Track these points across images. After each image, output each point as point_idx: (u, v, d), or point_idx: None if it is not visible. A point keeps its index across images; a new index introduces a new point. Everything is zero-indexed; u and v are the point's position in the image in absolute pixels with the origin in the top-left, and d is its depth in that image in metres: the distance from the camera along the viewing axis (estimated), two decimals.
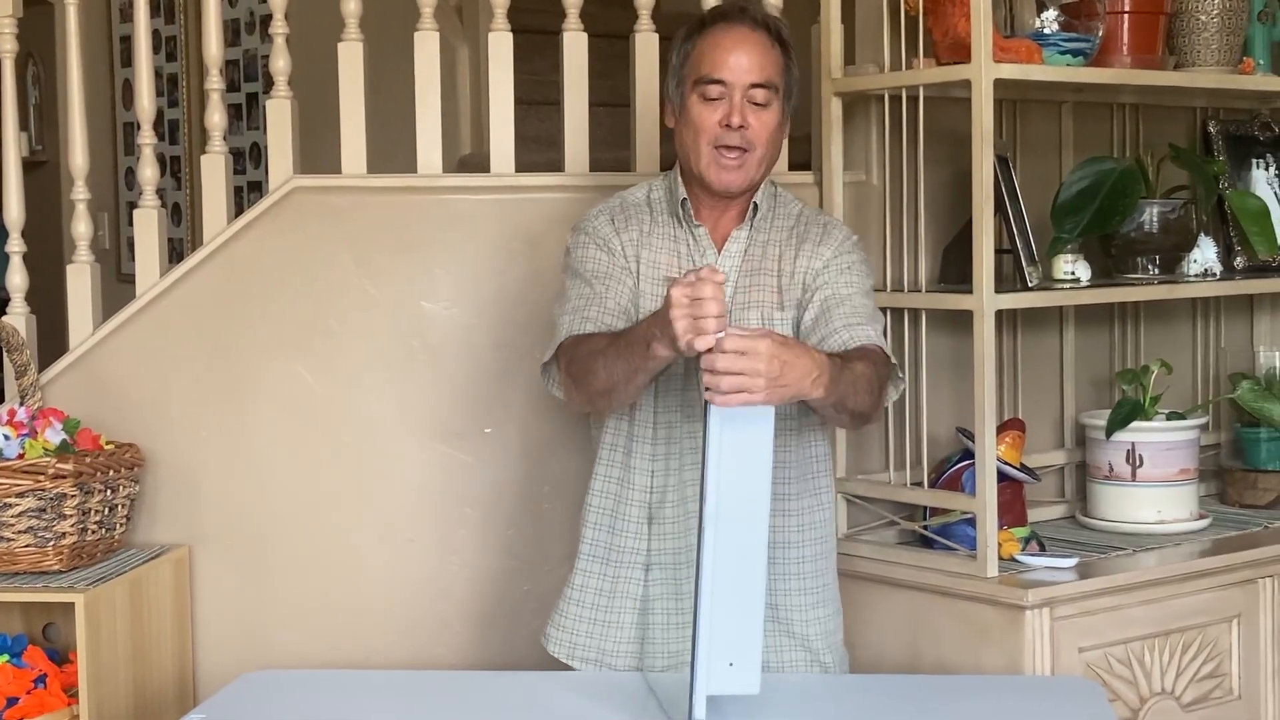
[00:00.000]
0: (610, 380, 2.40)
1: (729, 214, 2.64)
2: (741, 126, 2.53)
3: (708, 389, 2.18)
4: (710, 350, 2.18)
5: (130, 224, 3.38)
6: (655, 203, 2.67)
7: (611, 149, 3.41)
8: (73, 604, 2.80)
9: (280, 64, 3.18)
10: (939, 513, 3.04)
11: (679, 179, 2.64)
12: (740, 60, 2.53)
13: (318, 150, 3.30)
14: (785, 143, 2.72)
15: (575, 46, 3.25)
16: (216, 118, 3.21)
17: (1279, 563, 3.10)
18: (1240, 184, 3.62)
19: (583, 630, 2.64)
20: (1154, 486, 3.18)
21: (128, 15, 5.46)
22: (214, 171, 3.20)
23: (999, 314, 2.92)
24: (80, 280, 3.20)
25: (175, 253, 5.01)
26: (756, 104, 2.54)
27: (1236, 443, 3.57)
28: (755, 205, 2.63)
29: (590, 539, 2.65)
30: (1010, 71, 2.87)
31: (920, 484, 3.05)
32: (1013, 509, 3.06)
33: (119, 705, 2.89)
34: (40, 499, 2.87)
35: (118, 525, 3.04)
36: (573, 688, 2.51)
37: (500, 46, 3.24)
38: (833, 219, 2.71)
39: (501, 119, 3.24)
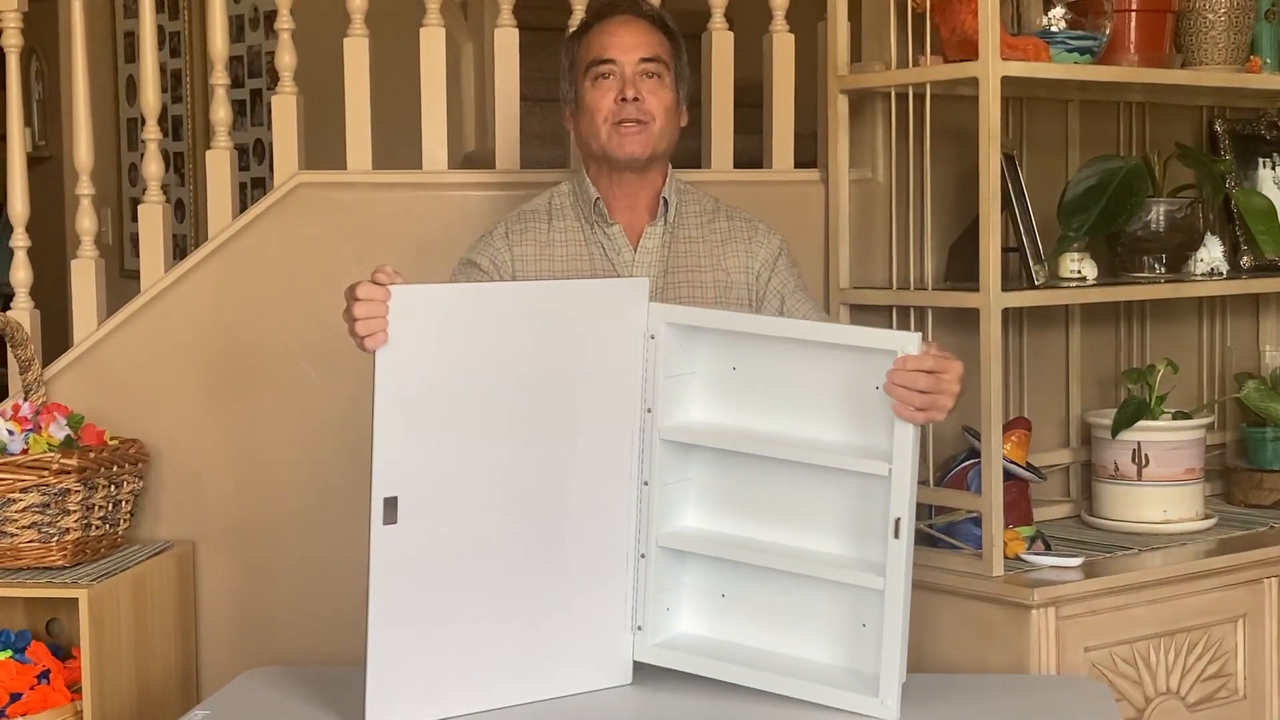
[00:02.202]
0: None
1: (639, 211, 2.64)
2: (636, 99, 2.56)
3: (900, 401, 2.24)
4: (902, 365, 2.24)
5: (133, 220, 3.38)
6: (557, 209, 2.66)
7: None
8: (76, 600, 2.79)
9: (286, 60, 3.18)
10: (944, 511, 3.04)
11: (586, 178, 2.65)
12: (626, 39, 2.59)
13: (323, 146, 3.29)
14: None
15: None
16: (221, 113, 3.20)
17: None
18: (1247, 183, 3.62)
19: None
20: (1160, 486, 3.17)
21: (131, 11, 5.45)
22: (219, 167, 3.19)
23: (1005, 312, 2.91)
24: (84, 275, 3.19)
25: (178, 249, 5.00)
26: (649, 77, 2.58)
27: (1242, 442, 3.57)
28: (665, 200, 2.63)
29: None
30: (1018, 69, 2.87)
31: (925, 482, 3.05)
32: (1018, 508, 3.06)
33: (122, 701, 2.89)
34: (44, 494, 2.87)
35: (121, 521, 3.03)
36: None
37: (506, 43, 3.24)
38: (741, 213, 2.71)
39: (507, 115, 3.24)
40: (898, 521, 2.25)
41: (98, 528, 2.96)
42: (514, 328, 2.30)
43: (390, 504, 2.20)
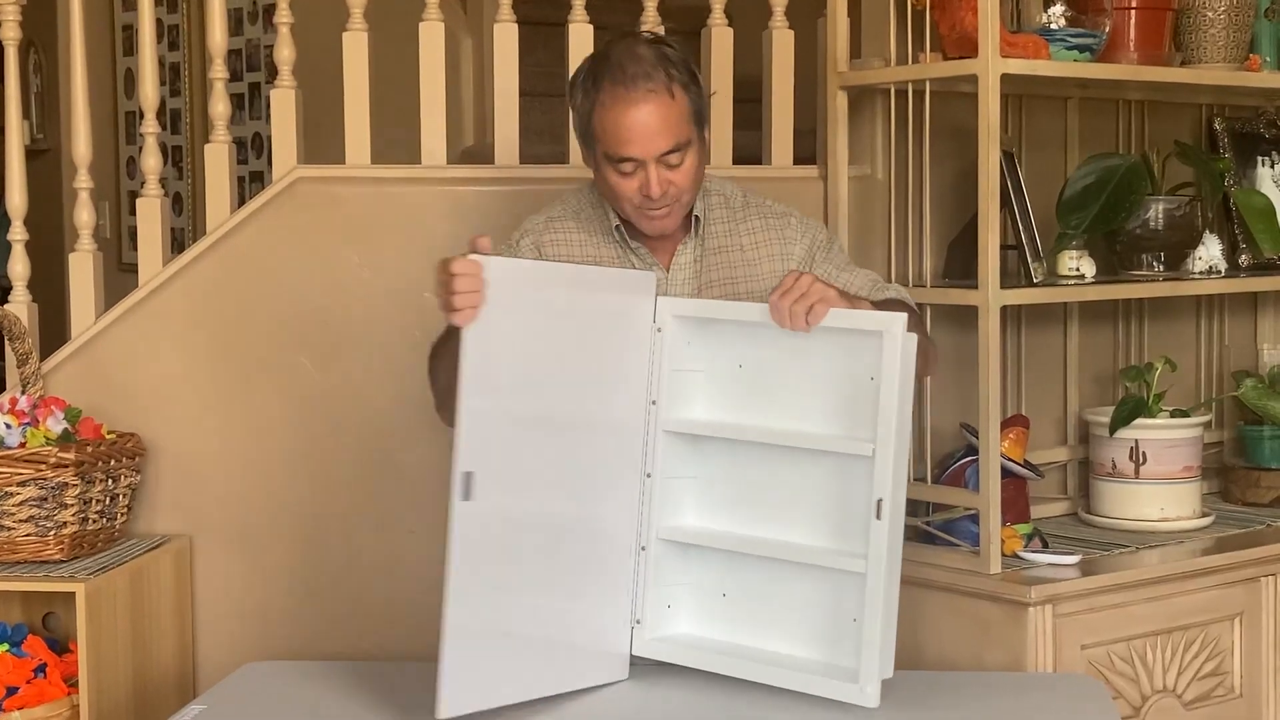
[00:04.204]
0: (449, 380, 2.27)
1: (670, 233, 2.56)
2: (663, 191, 2.45)
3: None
4: None
5: (131, 213, 3.38)
6: (587, 221, 2.58)
7: None
8: (73, 593, 2.79)
9: (285, 53, 3.17)
10: (942, 509, 3.04)
11: (606, 204, 2.55)
12: (645, 134, 2.40)
13: (321, 141, 3.29)
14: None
15: (581, 39, 3.24)
16: (220, 107, 3.20)
17: None
18: (1246, 181, 3.62)
19: None
20: (1157, 484, 3.17)
21: (130, 4, 5.45)
22: (217, 161, 3.19)
23: (1003, 310, 2.91)
24: (82, 269, 3.19)
25: (176, 242, 5.00)
26: (672, 166, 2.44)
27: (1239, 441, 3.57)
28: (696, 218, 2.56)
29: None
30: (1017, 66, 2.86)
31: (924, 479, 3.05)
32: (1016, 505, 3.06)
33: (119, 695, 2.89)
34: (41, 488, 2.87)
35: (119, 515, 3.03)
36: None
37: (506, 38, 3.23)
38: (773, 207, 2.65)
39: (506, 110, 3.23)
40: (879, 502, 2.24)
41: (95, 521, 2.96)
42: (558, 310, 2.30)
43: (467, 479, 2.18)
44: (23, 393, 3.01)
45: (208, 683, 3.04)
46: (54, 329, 3.27)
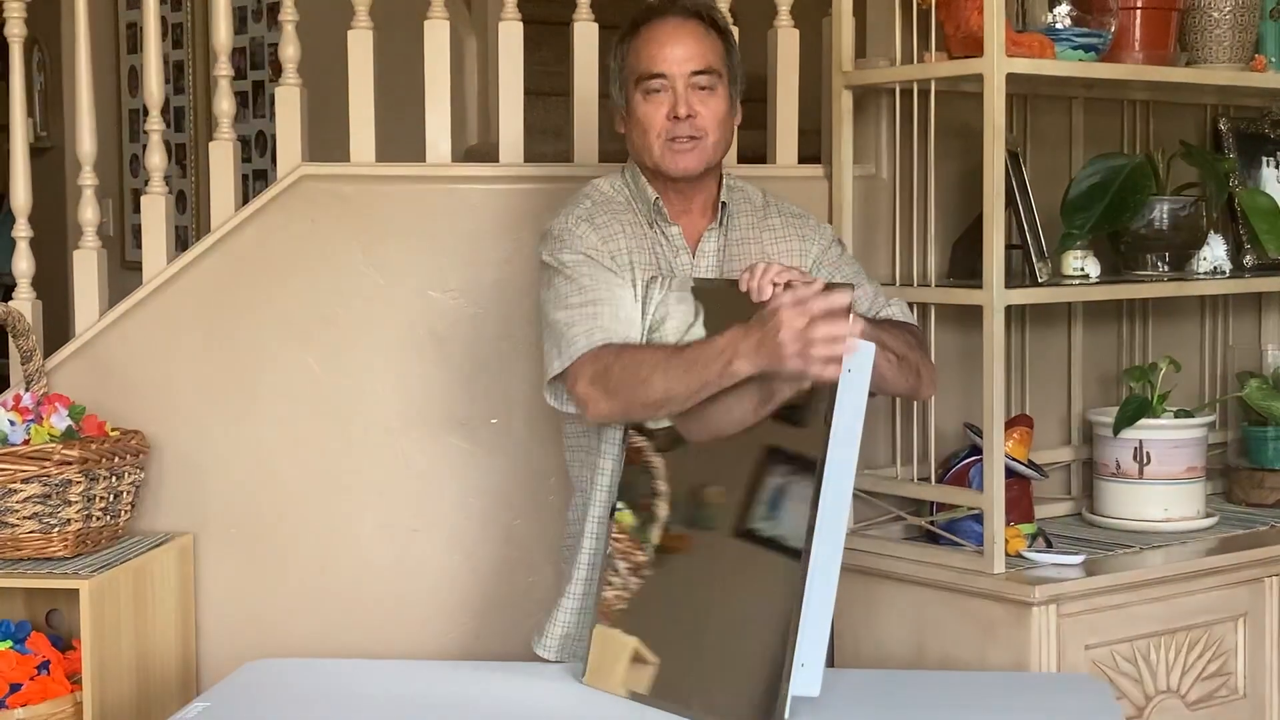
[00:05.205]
0: (668, 393, 2.36)
1: (693, 213, 2.61)
2: (690, 116, 2.51)
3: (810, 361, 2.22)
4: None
5: (135, 211, 3.38)
6: (618, 204, 2.62)
7: (618, 140, 3.40)
8: (77, 590, 2.79)
9: (290, 51, 3.17)
10: (946, 508, 3.04)
11: (642, 178, 2.60)
12: (676, 51, 2.52)
13: (325, 140, 3.29)
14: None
15: (585, 37, 3.24)
16: (225, 104, 3.20)
17: None
18: (1250, 182, 3.61)
19: (583, 635, 2.62)
20: (1161, 484, 3.17)
21: (134, 1, 5.45)
22: (222, 158, 3.19)
23: (1007, 310, 2.91)
24: (86, 266, 3.19)
25: (180, 240, 4.99)
26: (701, 89, 2.52)
27: (1243, 441, 3.56)
28: (723, 205, 2.60)
29: (591, 549, 2.61)
30: (1022, 66, 2.86)
31: (927, 479, 3.05)
32: (1019, 505, 3.05)
33: (122, 692, 2.89)
34: (45, 485, 2.87)
35: (122, 512, 3.03)
36: (574, 679, 2.50)
37: (511, 36, 3.23)
38: (791, 207, 2.69)
39: (511, 109, 3.23)
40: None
41: (99, 519, 2.96)
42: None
43: None
44: (27, 390, 3.02)
45: (210, 680, 3.04)
46: (58, 326, 3.27)
